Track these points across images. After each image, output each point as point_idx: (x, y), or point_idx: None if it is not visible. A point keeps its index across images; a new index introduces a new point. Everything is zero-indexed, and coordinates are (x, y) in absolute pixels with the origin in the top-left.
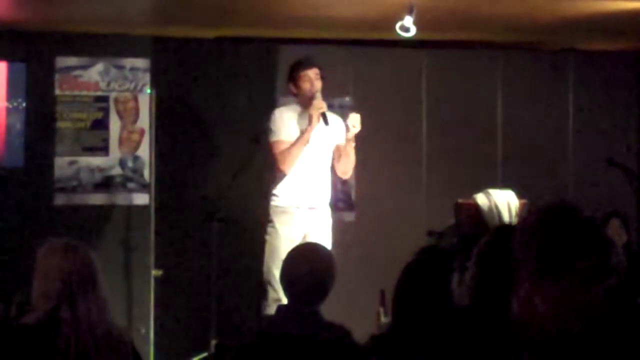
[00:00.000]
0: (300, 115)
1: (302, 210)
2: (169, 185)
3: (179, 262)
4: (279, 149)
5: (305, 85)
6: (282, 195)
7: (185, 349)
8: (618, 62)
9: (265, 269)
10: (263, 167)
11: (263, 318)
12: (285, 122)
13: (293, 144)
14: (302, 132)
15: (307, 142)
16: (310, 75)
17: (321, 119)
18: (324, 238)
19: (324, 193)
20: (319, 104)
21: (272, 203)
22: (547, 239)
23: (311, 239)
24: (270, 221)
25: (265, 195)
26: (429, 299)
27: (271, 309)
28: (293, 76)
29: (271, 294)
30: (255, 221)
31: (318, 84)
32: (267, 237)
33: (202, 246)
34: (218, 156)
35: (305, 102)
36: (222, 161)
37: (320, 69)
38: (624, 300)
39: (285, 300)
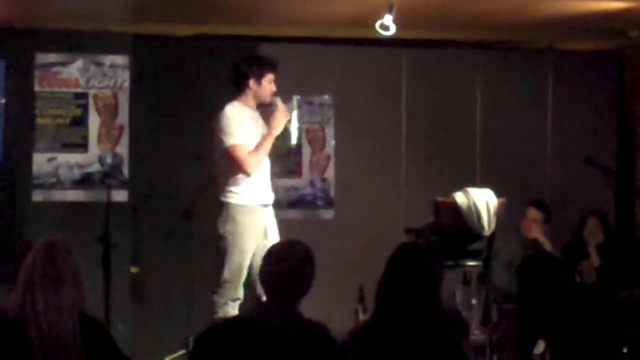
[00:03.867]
0: (251, 113)
1: (262, 208)
2: (148, 182)
3: (157, 258)
4: (241, 152)
5: (268, 87)
6: (246, 194)
7: (164, 345)
8: (596, 61)
9: (230, 269)
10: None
11: (239, 315)
12: (242, 123)
13: (261, 148)
14: (268, 136)
15: (270, 144)
16: (273, 78)
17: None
18: (276, 236)
19: (271, 190)
20: (286, 111)
21: (235, 202)
22: None
23: (269, 236)
24: (235, 221)
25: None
26: (414, 294)
27: (230, 307)
28: (259, 73)
29: (231, 294)
30: (228, 222)
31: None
32: (231, 237)
33: (181, 243)
34: (197, 153)
35: (260, 101)
36: (201, 158)
37: None
38: None
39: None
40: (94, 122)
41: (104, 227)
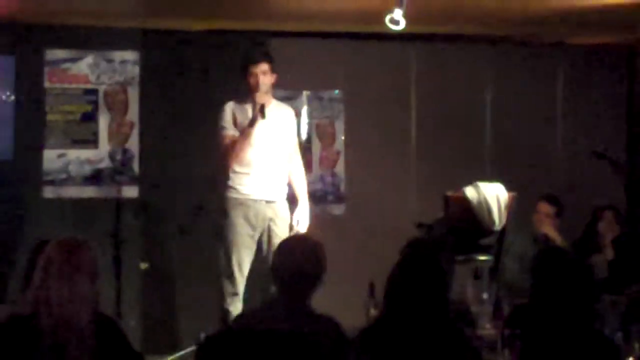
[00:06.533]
0: (248, 108)
1: (259, 203)
2: (158, 178)
3: (167, 254)
4: (222, 142)
5: (251, 81)
6: (239, 188)
7: (174, 341)
8: (607, 55)
9: (222, 263)
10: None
11: (250, 311)
12: (231, 116)
13: (236, 139)
14: (244, 129)
15: (249, 136)
16: (255, 71)
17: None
18: (285, 231)
19: (281, 186)
20: (259, 98)
21: (229, 195)
22: None
23: (273, 232)
24: (227, 215)
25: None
26: (423, 291)
27: (229, 304)
28: (242, 69)
29: (228, 289)
30: (222, 215)
31: (265, 79)
32: (224, 231)
33: (191, 238)
34: (207, 149)
35: (254, 97)
36: (211, 154)
37: (270, 62)
38: None
39: (241, 294)
40: (104, 118)
41: (114, 223)
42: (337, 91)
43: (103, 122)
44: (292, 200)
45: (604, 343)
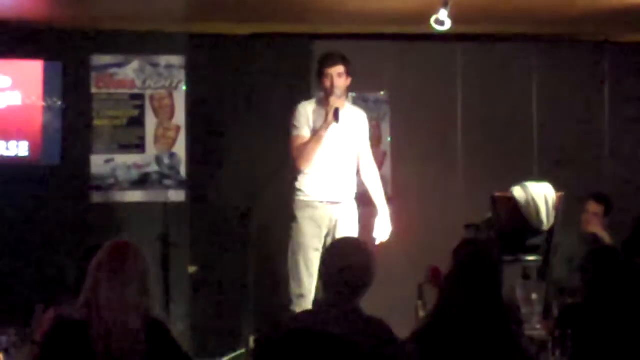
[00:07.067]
0: (322, 110)
1: (326, 204)
2: (205, 181)
3: (215, 258)
4: (293, 144)
5: (326, 83)
6: (306, 190)
7: (224, 345)
8: None
9: (289, 264)
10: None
11: (300, 313)
12: (306, 117)
13: (307, 141)
14: (317, 130)
15: (321, 139)
16: (331, 73)
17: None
18: (351, 233)
19: (349, 187)
20: (333, 102)
21: (296, 198)
22: None
23: (337, 234)
24: (294, 216)
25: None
26: (480, 292)
27: (296, 305)
28: (318, 71)
29: (295, 290)
30: (290, 217)
31: (340, 82)
32: (291, 232)
33: (239, 242)
34: (253, 152)
35: (328, 99)
36: (258, 157)
37: (346, 65)
38: None
39: (309, 296)
40: (150, 122)
41: (162, 228)
42: (382, 92)
43: (150, 126)
44: (363, 202)
45: None
